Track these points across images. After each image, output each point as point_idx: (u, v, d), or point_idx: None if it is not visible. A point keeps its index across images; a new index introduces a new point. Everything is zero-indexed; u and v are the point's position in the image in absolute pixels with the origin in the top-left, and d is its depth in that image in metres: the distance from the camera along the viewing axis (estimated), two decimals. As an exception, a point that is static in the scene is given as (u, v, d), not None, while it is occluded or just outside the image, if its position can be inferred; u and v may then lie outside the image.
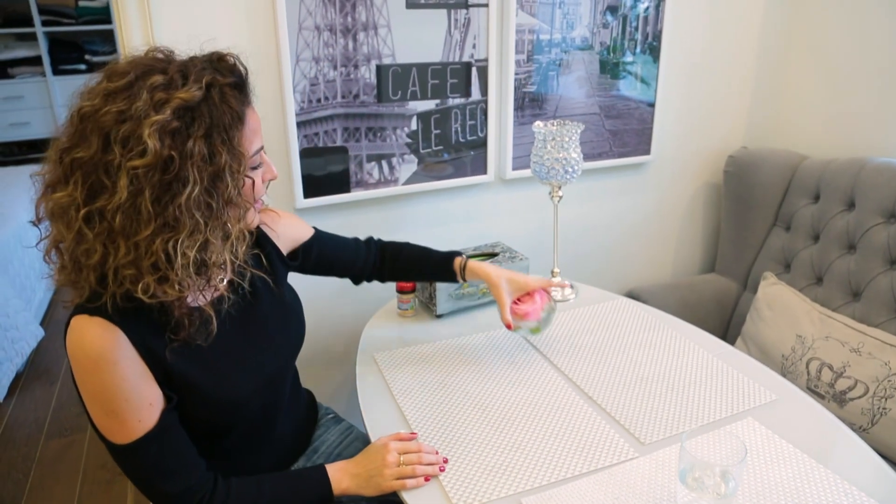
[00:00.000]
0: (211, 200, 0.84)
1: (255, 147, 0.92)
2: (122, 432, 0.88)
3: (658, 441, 1.09)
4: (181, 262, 0.82)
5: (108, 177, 0.80)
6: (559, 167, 1.47)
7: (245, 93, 0.90)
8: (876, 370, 1.52)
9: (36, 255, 3.13)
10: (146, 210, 0.80)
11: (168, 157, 0.79)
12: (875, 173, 1.71)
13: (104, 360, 0.84)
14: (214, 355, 0.96)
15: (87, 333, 0.84)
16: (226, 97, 0.85)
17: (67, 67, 4.39)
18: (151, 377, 0.89)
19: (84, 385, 0.87)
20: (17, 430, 2.38)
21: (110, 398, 0.86)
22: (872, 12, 1.79)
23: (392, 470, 1.01)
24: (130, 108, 0.79)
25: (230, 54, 0.91)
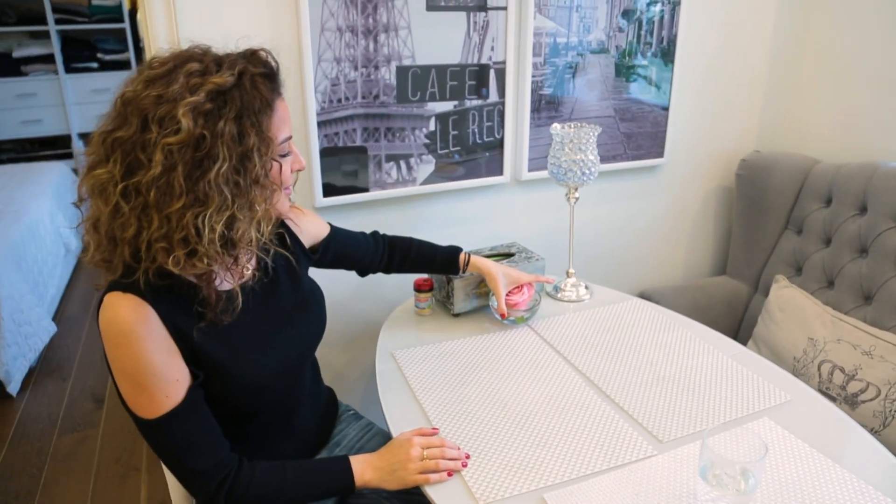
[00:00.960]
0: (239, 178, 0.88)
1: (284, 135, 0.96)
2: (149, 407, 0.91)
3: (676, 439, 1.11)
4: (209, 237, 0.87)
5: (144, 154, 0.85)
6: (576, 169, 1.49)
7: (275, 83, 0.95)
8: (888, 373, 1.53)
9: (49, 251, 3.16)
10: (178, 185, 0.84)
11: (200, 135, 0.84)
12: (887, 177, 1.72)
13: (135, 335, 0.88)
14: (239, 337, 1.00)
15: (119, 308, 0.88)
16: (256, 85, 0.90)
17: (80, 65, 4.44)
18: (179, 354, 0.93)
19: (115, 359, 0.91)
20: (31, 425, 2.40)
21: (139, 372, 0.89)
22: (884, 16, 1.81)
23: (416, 464, 1.03)
24: (167, 91, 0.85)
25: (263, 49, 0.97)
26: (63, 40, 4.39)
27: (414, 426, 1.13)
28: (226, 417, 1.01)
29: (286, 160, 0.99)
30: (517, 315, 1.46)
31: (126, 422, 2.38)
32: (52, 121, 4.44)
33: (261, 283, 1.07)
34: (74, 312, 3.26)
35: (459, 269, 1.45)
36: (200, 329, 0.94)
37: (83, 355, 2.86)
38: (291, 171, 1.02)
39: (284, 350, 1.08)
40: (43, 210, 3.28)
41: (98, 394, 2.58)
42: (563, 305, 1.60)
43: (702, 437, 0.91)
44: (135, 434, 2.32)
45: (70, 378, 2.69)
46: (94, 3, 4.37)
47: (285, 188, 1.02)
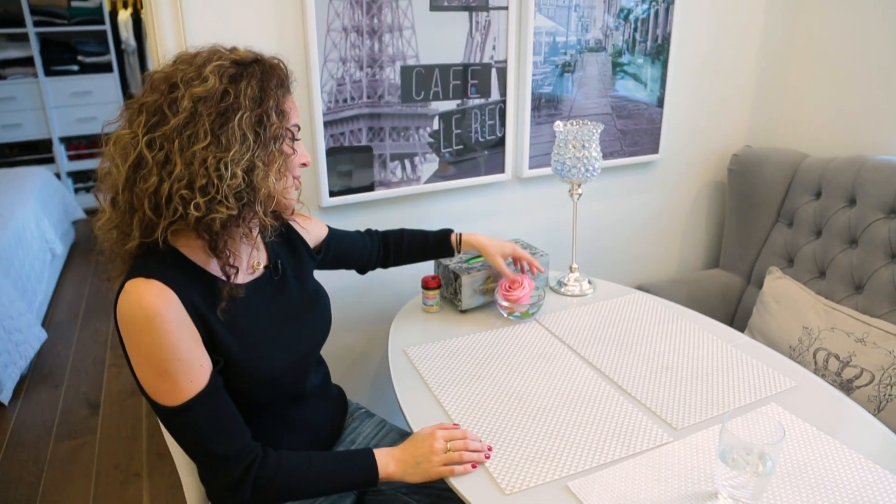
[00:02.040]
0: (259, 129, 0.93)
1: (294, 120, 1.02)
2: (173, 393, 0.92)
3: (689, 426, 1.14)
4: (229, 182, 0.90)
5: (170, 109, 0.90)
6: (580, 165, 1.52)
7: (287, 78, 1.02)
8: (881, 359, 1.58)
9: (36, 256, 3.12)
10: (203, 130, 0.89)
11: (224, 90, 0.91)
12: (875, 170, 1.78)
13: (160, 318, 0.89)
14: (251, 331, 1.03)
15: (143, 293, 0.89)
16: (273, 67, 0.99)
17: (60, 68, 4.37)
18: (200, 340, 0.94)
19: (137, 346, 0.91)
20: (25, 432, 2.37)
21: (164, 358, 0.90)
22: (871, 15, 1.87)
23: (440, 456, 1.04)
24: (195, 60, 0.93)
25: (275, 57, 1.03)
26: (42, 43, 4.32)
27: (435, 422, 1.15)
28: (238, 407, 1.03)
29: (297, 144, 1.04)
30: (521, 309, 1.48)
31: (124, 427, 2.37)
32: (31, 125, 4.37)
33: (270, 281, 1.10)
34: (63, 318, 3.22)
35: (454, 249, 1.49)
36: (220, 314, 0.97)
37: (75, 361, 2.83)
38: (298, 164, 1.05)
39: (293, 346, 1.10)
40: (29, 215, 3.23)
41: (93, 400, 2.55)
42: (567, 300, 1.62)
43: (721, 422, 0.94)
44: (134, 439, 2.31)
45: (63, 384, 2.66)
46: (73, 5, 4.31)
47: (295, 178, 1.06)
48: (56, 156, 4.48)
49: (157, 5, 1.32)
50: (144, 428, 2.37)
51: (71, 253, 4.00)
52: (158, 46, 1.35)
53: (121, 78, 4.56)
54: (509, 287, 1.48)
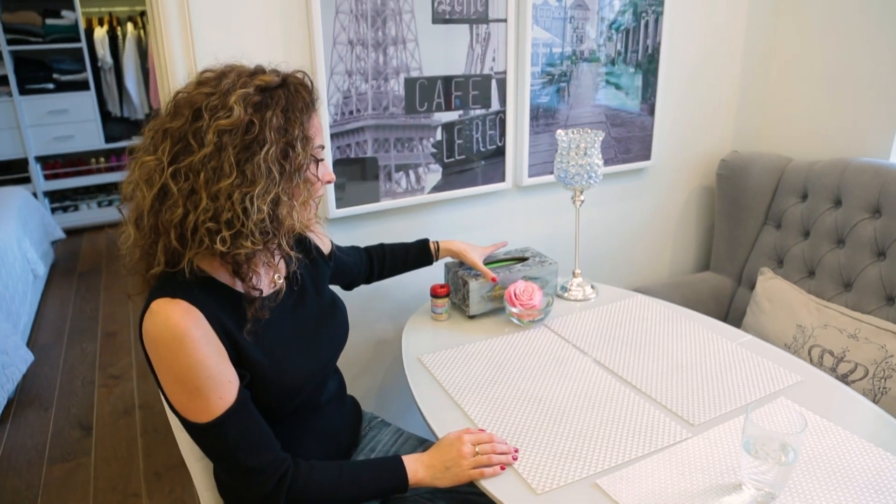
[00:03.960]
0: (284, 163, 0.94)
1: (318, 142, 1.02)
2: (204, 410, 0.93)
3: (706, 422, 1.17)
4: (256, 217, 0.91)
5: (195, 139, 0.90)
6: (583, 173, 1.55)
7: (313, 95, 1.01)
8: (874, 353, 1.64)
9: (19, 278, 3.06)
10: (228, 165, 0.89)
11: (249, 121, 0.90)
12: (858, 172, 1.85)
13: (189, 338, 0.90)
14: (276, 344, 1.04)
15: (171, 313, 0.90)
16: (299, 89, 0.98)
17: (34, 87, 4.30)
18: (227, 357, 0.96)
19: (167, 366, 0.92)
20: (16, 457, 2.31)
21: (194, 375, 0.91)
22: (850, 24, 1.95)
23: (469, 460, 1.06)
24: (220, 86, 0.92)
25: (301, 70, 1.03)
26: (16, 61, 4.26)
27: (459, 427, 1.16)
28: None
29: (320, 166, 1.04)
30: (533, 316, 1.51)
31: (119, 448, 2.33)
32: (6, 144, 4.28)
33: (291, 292, 1.11)
34: (48, 340, 3.15)
35: (433, 257, 1.55)
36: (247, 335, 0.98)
37: (63, 383, 2.78)
38: (322, 182, 1.06)
39: (315, 355, 1.12)
40: (10, 236, 3.17)
41: (85, 421, 2.50)
42: (571, 304, 1.65)
43: (745, 413, 0.97)
44: (130, 460, 2.27)
45: (52, 407, 2.61)
46: (48, 23, 4.25)
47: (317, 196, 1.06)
48: (32, 175, 4.40)
49: (165, 21, 1.33)
50: (140, 448, 2.33)
51: (51, 273, 3.92)
52: (167, 62, 1.35)
53: (97, 96, 4.50)
54: (517, 296, 1.50)
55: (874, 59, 1.90)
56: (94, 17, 4.50)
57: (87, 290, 3.71)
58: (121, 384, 2.75)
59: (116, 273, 3.95)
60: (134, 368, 2.86)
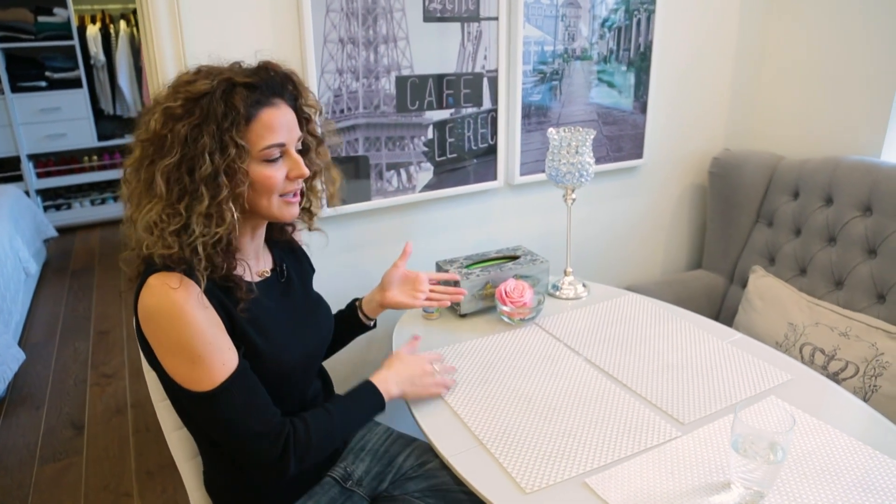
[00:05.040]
0: (183, 175, 0.94)
1: (266, 142, 0.99)
2: (209, 377, 0.95)
3: (696, 420, 1.17)
4: (173, 226, 0.93)
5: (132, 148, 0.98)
6: (574, 171, 1.55)
7: (260, 94, 0.98)
8: (864, 351, 1.65)
9: (10, 276, 3.04)
10: (143, 174, 0.95)
11: (163, 135, 0.94)
12: (849, 170, 1.86)
13: (189, 306, 0.93)
14: (268, 323, 1.07)
15: (170, 284, 0.93)
16: (231, 94, 0.96)
17: (27, 84, 4.28)
18: (224, 327, 0.99)
19: (166, 338, 0.94)
20: (7, 456, 2.30)
21: (197, 343, 0.94)
22: (840, 24, 1.95)
23: (432, 378, 1.21)
24: (159, 97, 0.98)
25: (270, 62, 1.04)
26: (8, 59, 4.23)
27: (449, 428, 1.17)
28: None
29: (272, 166, 1.01)
30: (524, 315, 1.51)
31: (111, 447, 2.32)
32: (-2, 142, 4.27)
33: (277, 283, 1.16)
34: (40, 338, 3.14)
35: (362, 317, 1.39)
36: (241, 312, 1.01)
37: (55, 382, 2.77)
38: (289, 177, 1.04)
39: (305, 341, 1.16)
40: (2, 234, 3.15)
41: (77, 420, 2.49)
42: (562, 303, 1.65)
43: (734, 412, 0.97)
44: (121, 459, 2.26)
45: (44, 406, 2.60)
46: (40, 20, 4.23)
47: (282, 195, 1.04)
48: (24, 173, 4.38)
49: (155, 19, 1.32)
50: (132, 446, 2.33)
51: (44, 272, 3.91)
52: (157, 61, 1.34)
53: (90, 94, 4.48)
54: (508, 295, 1.50)
55: (866, 57, 1.90)
56: (86, 15, 4.48)
57: (79, 289, 3.70)
58: (113, 383, 2.74)
59: (109, 271, 3.93)
60: (126, 367, 2.85)
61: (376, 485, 1.26)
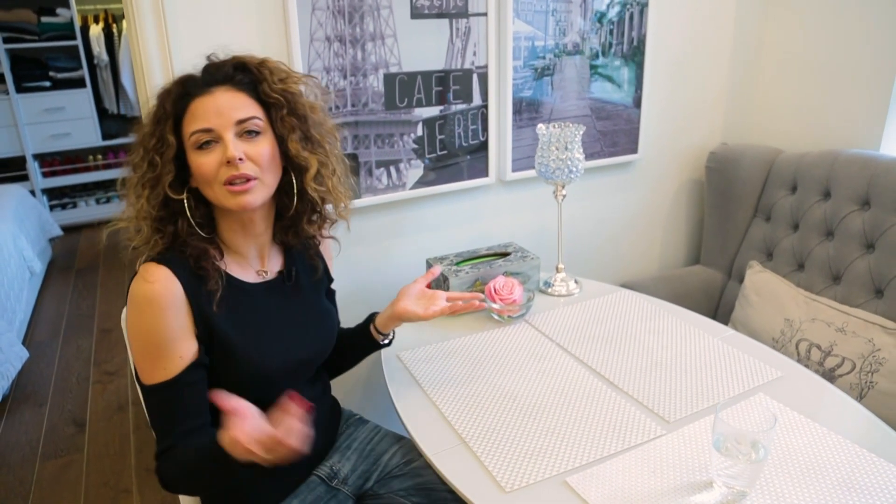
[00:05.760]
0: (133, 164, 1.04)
1: (191, 128, 1.01)
2: (149, 373, 1.00)
3: (682, 419, 1.16)
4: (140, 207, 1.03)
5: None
6: (563, 167, 1.54)
7: (192, 86, 1.03)
8: (861, 347, 1.63)
9: (14, 275, 3.07)
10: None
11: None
12: (847, 164, 1.83)
13: (157, 303, 0.97)
14: (253, 325, 1.08)
15: (151, 277, 0.98)
16: (164, 96, 1.04)
17: (31, 84, 4.31)
18: (192, 333, 1.01)
19: (133, 322, 1.00)
20: (10, 453, 2.33)
21: (150, 340, 0.98)
22: (838, 14, 1.92)
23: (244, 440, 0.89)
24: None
25: (216, 53, 1.11)
26: (12, 59, 4.26)
27: (432, 426, 1.16)
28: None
29: (203, 153, 1.01)
30: (513, 312, 1.50)
31: (111, 444, 2.34)
32: (4, 142, 4.30)
33: (282, 286, 1.15)
34: (44, 337, 3.17)
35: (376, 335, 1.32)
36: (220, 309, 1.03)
37: (58, 379, 2.79)
38: (221, 163, 1.00)
39: (293, 350, 1.14)
40: (6, 233, 3.18)
41: (78, 418, 2.52)
42: (554, 300, 1.65)
43: (715, 412, 0.97)
44: (122, 456, 2.28)
45: (47, 403, 2.62)
46: (43, 21, 4.26)
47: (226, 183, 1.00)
48: (30, 173, 4.41)
49: (140, 17, 1.32)
50: (132, 444, 2.34)
51: (49, 271, 3.94)
52: (143, 60, 1.35)
53: (94, 93, 4.51)
54: (497, 292, 1.50)
55: (864, 49, 1.87)
56: (89, 15, 4.50)
57: (84, 287, 3.73)
58: (115, 381, 2.76)
59: (114, 269, 3.96)
60: (129, 365, 2.87)
61: (362, 483, 1.26)
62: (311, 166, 1.09)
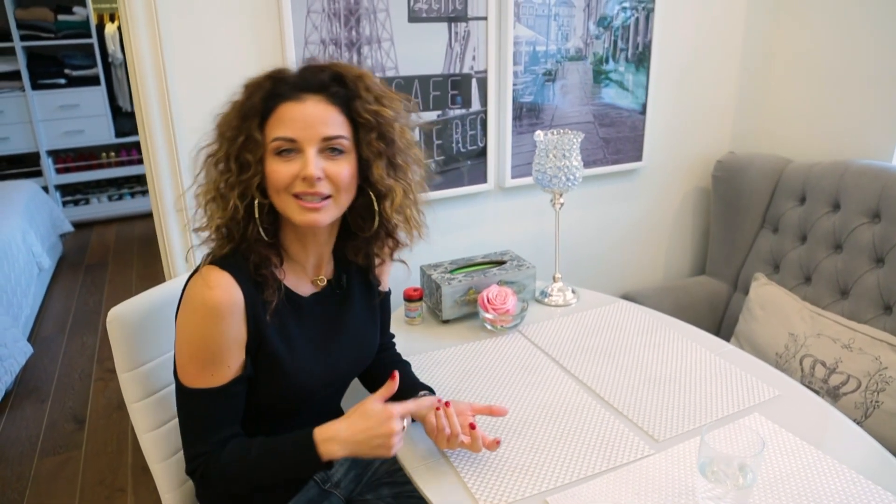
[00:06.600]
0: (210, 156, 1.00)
1: (275, 134, 0.96)
2: (193, 377, 0.97)
3: (671, 438, 1.13)
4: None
5: None
6: (561, 175, 1.51)
7: (285, 87, 0.98)
8: (867, 365, 1.58)
9: (22, 270, 3.10)
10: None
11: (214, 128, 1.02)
12: (858, 175, 1.78)
13: (216, 312, 0.94)
14: (303, 338, 1.06)
15: (212, 283, 0.95)
16: (255, 88, 0.98)
17: (47, 82, 4.35)
18: (243, 344, 0.99)
19: (186, 324, 0.97)
20: (9, 448, 2.34)
21: (201, 346, 0.96)
22: (851, 21, 1.87)
23: (393, 440, 0.97)
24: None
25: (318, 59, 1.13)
26: (29, 57, 4.31)
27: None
28: (263, 416, 1.07)
29: (281, 161, 0.96)
30: (506, 322, 1.47)
31: (109, 442, 2.34)
32: (19, 138, 4.34)
33: (332, 294, 1.13)
34: (50, 332, 3.19)
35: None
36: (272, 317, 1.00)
37: (61, 376, 2.81)
38: (297, 176, 0.96)
39: (337, 364, 1.13)
40: (14, 229, 3.21)
41: (79, 414, 2.53)
42: (550, 310, 1.62)
43: (700, 435, 0.93)
44: (119, 454, 2.28)
45: (48, 399, 2.64)
46: (60, 19, 4.29)
47: (297, 195, 0.97)
48: (44, 169, 4.46)
49: (132, 16, 1.31)
50: (130, 442, 2.35)
51: (59, 266, 3.98)
52: (135, 59, 1.34)
53: (108, 91, 4.54)
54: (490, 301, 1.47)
55: (877, 57, 1.82)
56: (104, 13, 4.54)
57: (92, 284, 3.75)
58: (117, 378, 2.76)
59: (122, 266, 3.99)
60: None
61: (353, 487, 1.26)
62: (395, 195, 1.04)
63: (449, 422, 1.04)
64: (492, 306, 1.46)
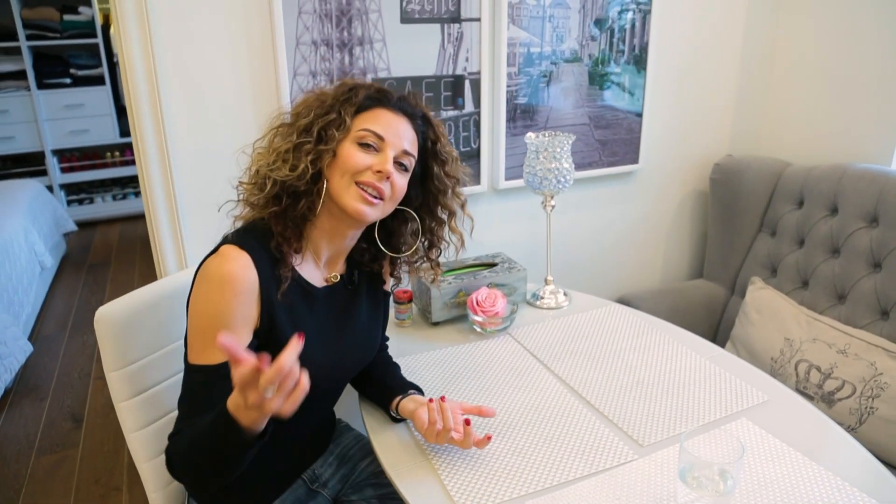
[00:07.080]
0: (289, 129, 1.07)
1: (365, 125, 1.06)
2: (198, 352, 0.97)
3: (656, 443, 1.12)
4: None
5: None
6: (552, 177, 1.50)
7: (385, 98, 1.10)
8: (862, 370, 1.56)
9: (24, 269, 3.11)
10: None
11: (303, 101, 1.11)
12: (856, 179, 1.76)
13: (229, 287, 0.95)
14: (312, 328, 1.07)
15: (231, 260, 0.97)
16: (358, 88, 1.09)
17: (52, 81, 4.38)
18: (252, 327, 0.99)
19: (199, 299, 0.98)
20: (7, 446, 2.35)
21: (211, 319, 0.96)
22: (852, 24, 1.86)
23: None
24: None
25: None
26: (35, 56, 4.34)
27: (398, 439, 1.14)
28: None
29: (361, 150, 1.05)
30: (495, 324, 1.47)
31: (106, 441, 2.35)
32: (24, 137, 4.38)
33: (343, 290, 1.16)
34: (51, 331, 3.21)
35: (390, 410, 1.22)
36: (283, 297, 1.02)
37: (60, 375, 2.82)
38: (373, 170, 1.04)
39: (342, 356, 1.14)
40: (17, 228, 3.23)
41: (77, 413, 2.54)
42: (542, 313, 1.61)
43: (680, 440, 0.92)
44: (115, 453, 2.29)
45: (48, 398, 2.65)
46: (65, 19, 4.32)
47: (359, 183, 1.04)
48: (49, 168, 4.49)
49: (123, 17, 1.32)
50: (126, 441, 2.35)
51: (62, 265, 4.00)
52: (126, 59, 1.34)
53: (113, 90, 4.57)
54: (479, 304, 1.47)
55: (877, 61, 1.80)
56: (110, 13, 4.56)
57: (94, 282, 3.77)
58: (116, 377, 2.78)
59: (125, 265, 4.01)
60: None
61: (340, 487, 1.27)
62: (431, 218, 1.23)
63: (442, 416, 1.06)
64: (481, 309, 1.45)
